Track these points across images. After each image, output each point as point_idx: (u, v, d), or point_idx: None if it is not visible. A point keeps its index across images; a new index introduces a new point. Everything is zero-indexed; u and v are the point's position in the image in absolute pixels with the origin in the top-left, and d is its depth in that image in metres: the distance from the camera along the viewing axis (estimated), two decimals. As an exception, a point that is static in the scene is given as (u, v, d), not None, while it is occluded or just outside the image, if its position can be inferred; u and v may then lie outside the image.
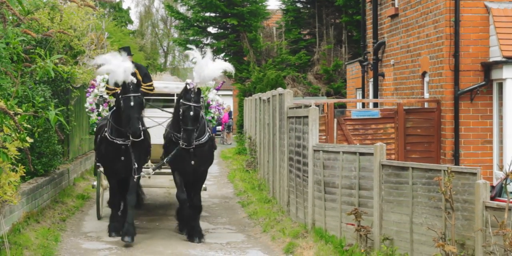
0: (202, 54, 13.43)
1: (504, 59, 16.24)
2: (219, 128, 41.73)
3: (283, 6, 37.46)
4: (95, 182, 15.63)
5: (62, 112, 9.02)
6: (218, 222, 15.66)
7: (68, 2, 18.14)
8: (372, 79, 23.14)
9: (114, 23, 40.50)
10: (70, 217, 15.71)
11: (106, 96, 15.07)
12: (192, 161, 13.41)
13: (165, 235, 14.02)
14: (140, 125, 13.03)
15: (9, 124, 8.66)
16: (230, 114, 42.88)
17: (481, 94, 17.00)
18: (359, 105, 23.75)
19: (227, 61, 25.23)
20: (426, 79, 18.70)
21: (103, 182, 15.70)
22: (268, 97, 18.62)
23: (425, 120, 17.60)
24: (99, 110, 15.60)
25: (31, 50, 11.56)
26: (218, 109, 15.92)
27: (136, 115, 12.82)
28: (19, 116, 8.68)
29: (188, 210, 13.65)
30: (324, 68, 34.70)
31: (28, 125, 9.75)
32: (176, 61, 66.33)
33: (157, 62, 59.90)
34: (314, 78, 35.22)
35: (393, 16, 21.28)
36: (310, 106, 13.91)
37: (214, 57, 13.68)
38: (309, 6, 36.68)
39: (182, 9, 44.53)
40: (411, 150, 17.54)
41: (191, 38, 38.33)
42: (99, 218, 15.36)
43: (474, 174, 9.36)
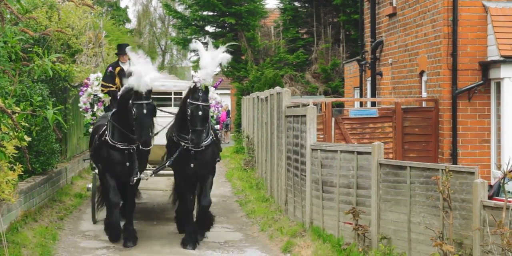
0: (205, 46, 12.90)
1: (502, 58, 16.25)
2: (217, 127, 41.66)
3: (281, 5, 37.46)
4: (90, 185, 15.16)
5: (60, 110, 9.00)
6: (216, 221, 15.58)
7: (66, 1, 18.14)
8: (370, 78, 23.14)
9: (112, 21, 40.52)
10: (68, 215, 15.69)
11: (100, 95, 14.72)
12: (192, 164, 12.85)
13: (163, 234, 14.00)
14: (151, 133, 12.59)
15: (7, 123, 8.64)
16: (228, 113, 42.87)
17: (479, 93, 17.01)
18: (357, 104, 23.75)
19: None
20: (424, 78, 18.70)
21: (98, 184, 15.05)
22: (266, 96, 18.62)
23: (423, 119, 17.60)
24: (94, 109, 15.22)
25: (29, 49, 11.57)
26: (217, 108, 15.89)
27: (149, 124, 12.33)
28: (17, 114, 8.67)
29: (198, 215, 13.23)
30: (322, 67, 34.69)
31: (26, 124, 9.75)
32: (174, 60, 66.37)
33: (155, 61, 59.88)
34: (312, 77, 35.21)
35: (391, 15, 21.28)
36: (308, 105, 13.91)
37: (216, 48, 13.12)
38: (307, 5, 36.67)
39: (180, 8, 44.47)
40: (409, 149, 17.55)
41: (189, 37, 38.30)
42: (95, 222, 14.83)
43: (472, 173, 9.36)
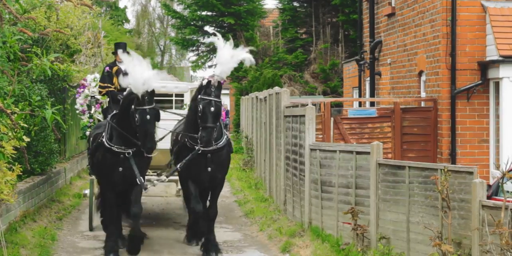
0: (224, 41, 12.15)
1: (500, 58, 16.25)
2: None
3: (280, 5, 37.47)
4: (86, 191, 14.61)
5: (59, 111, 9.01)
6: (215, 221, 15.62)
7: (64, 1, 18.13)
8: (368, 78, 23.14)
9: (110, 22, 40.52)
10: (67, 216, 15.68)
11: (98, 96, 14.35)
12: (209, 168, 11.90)
13: (162, 234, 14.00)
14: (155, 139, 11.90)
15: (6, 123, 8.64)
16: (227, 113, 42.86)
17: (478, 93, 17.02)
18: (356, 104, 23.75)
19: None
20: (423, 78, 18.71)
21: (95, 190, 14.27)
22: (265, 96, 18.61)
23: (422, 119, 17.61)
24: (91, 111, 14.79)
25: (27, 49, 11.56)
26: None
27: (153, 130, 11.66)
28: (15, 115, 8.67)
29: (203, 223, 12.26)
30: (321, 67, 34.70)
31: (25, 124, 9.73)
32: (173, 60, 66.37)
33: (153, 61, 59.89)
34: (311, 77, 35.20)
35: (390, 15, 21.28)
36: (307, 105, 13.91)
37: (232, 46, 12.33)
38: (305, 5, 36.68)
39: (179, 8, 44.50)
40: (407, 149, 17.55)
41: (188, 37, 38.30)
42: (91, 229, 14.18)
43: (471, 173, 9.37)
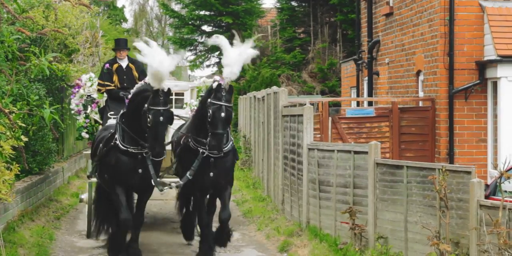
0: (229, 39, 11.28)
1: (498, 58, 16.26)
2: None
3: (278, 4, 37.43)
4: (83, 195, 14.09)
5: (57, 110, 8.98)
6: (214, 220, 15.59)
7: (62, 0, 18.12)
8: (366, 78, 23.14)
9: (108, 21, 40.47)
10: (65, 215, 15.67)
11: (94, 95, 14.16)
12: (211, 173, 11.35)
13: (160, 234, 14.00)
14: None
15: (4, 123, 8.64)
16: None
17: (476, 93, 17.03)
18: (354, 103, 23.76)
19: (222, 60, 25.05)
20: (421, 77, 18.72)
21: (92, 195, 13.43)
22: (263, 96, 18.61)
23: (420, 118, 17.62)
24: (87, 111, 14.36)
25: (25, 49, 11.54)
26: None
27: (164, 133, 10.99)
28: (13, 114, 8.66)
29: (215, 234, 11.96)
30: (319, 67, 34.69)
31: (23, 124, 9.74)
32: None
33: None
34: (309, 77, 35.19)
35: (388, 15, 21.29)
36: (305, 104, 13.91)
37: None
38: (304, 4, 36.66)
39: (177, 7, 44.44)
40: (405, 148, 17.55)
41: (186, 36, 38.29)
42: (89, 236, 13.39)
43: (469, 172, 9.38)
